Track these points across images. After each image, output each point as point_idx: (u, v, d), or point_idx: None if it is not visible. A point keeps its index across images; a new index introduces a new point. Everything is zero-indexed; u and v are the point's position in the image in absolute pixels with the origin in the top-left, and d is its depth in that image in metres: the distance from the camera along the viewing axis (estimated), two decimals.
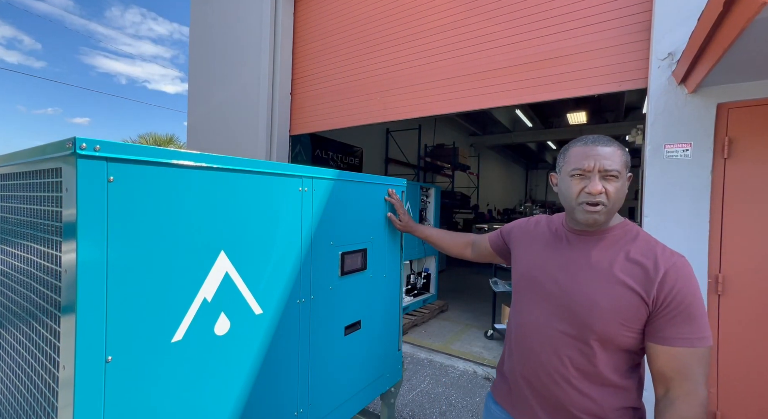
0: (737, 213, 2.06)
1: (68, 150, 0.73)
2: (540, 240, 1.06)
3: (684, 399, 0.80)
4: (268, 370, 1.14)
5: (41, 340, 0.90)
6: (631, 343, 0.87)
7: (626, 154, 0.91)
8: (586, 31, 2.61)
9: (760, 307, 2.00)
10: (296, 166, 1.23)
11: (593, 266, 0.91)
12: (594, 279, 0.90)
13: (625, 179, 0.91)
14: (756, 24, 1.25)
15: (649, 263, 0.86)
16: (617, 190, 0.88)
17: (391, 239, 1.72)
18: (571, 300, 0.91)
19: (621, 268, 0.88)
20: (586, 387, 0.89)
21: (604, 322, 0.86)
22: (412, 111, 3.43)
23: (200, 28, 4.97)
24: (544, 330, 0.95)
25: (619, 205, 0.90)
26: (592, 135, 0.94)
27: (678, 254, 0.88)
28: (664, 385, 0.84)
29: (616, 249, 0.91)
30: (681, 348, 0.80)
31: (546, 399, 0.95)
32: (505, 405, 1.08)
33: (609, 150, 0.88)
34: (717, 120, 2.08)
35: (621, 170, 0.88)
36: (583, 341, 0.89)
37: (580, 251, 0.95)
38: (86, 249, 0.75)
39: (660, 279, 0.83)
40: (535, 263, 1.03)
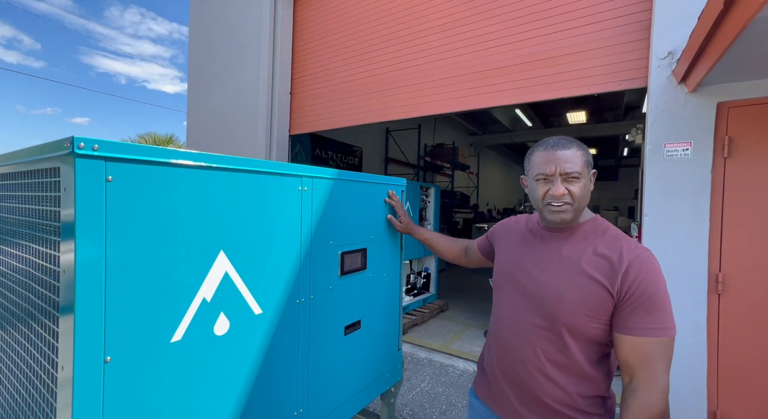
0: (737, 212, 2.05)
1: (66, 149, 0.73)
2: (518, 238, 1.11)
3: (645, 387, 0.84)
4: (267, 370, 1.14)
5: (40, 340, 0.90)
6: (599, 334, 0.90)
7: (586, 153, 0.96)
8: (586, 30, 2.60)
9: (760, 306, 2.00)
10: (296, 165, 1.23)
11: (563, 260, 0.96)
12: (563, 273, 0.94)
13: (588, 177, 0.96)
14: (756, 23, 1.25)
15: (615, 256, 0.89)
16: (580, 189, 0.93)
17: (391, 239, 1.72)
18: (541, 293, 0.96)
19: (588, 261, 0.92)
20: (558, 377, 0.93)
21: (572, 313, 0.90)
22: (412, 110, 3.43)
23: (199, 28, 4.96)
24: (519, 323, 1.00)
25: (585, 202, 0.96)
26: (553, 138, 0.98)
27: (643, 248, 0.91)
28: (628, 374, 0.88)
29: (585, 244, 0.95)
30: (643, 338, 0.84)
31: (521, 390, 0.99)
32: (485, 399, 1.11)
33: (569, 153, 0.93)
34: (717, 119, 2.08)
35: (581, 170, 0.93)
36: (554, 332, 0.93)
37: (552, 246, 1.00)
38: (85, 249, 0.74)
39: (624, 271, 0.86)
40: (511, 259, 1.09)
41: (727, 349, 2.07)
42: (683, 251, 2.15)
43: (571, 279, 0.92)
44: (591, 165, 0.97)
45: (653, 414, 0.82)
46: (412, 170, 8.93)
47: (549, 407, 0.94)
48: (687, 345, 2.14)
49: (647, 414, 0.82)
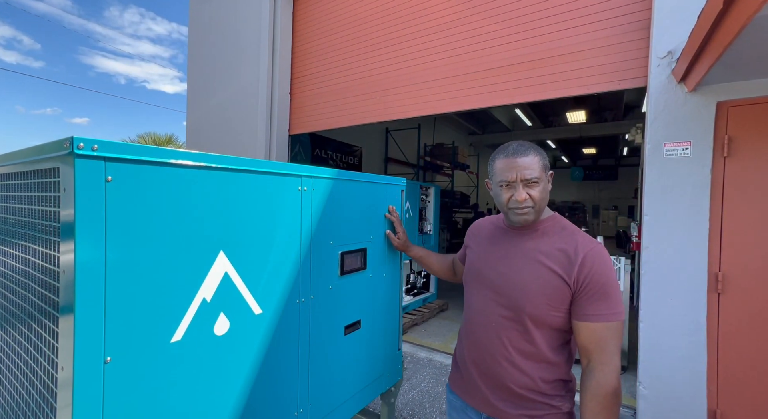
0: (737, 212, 2.05)
1: (66, 150, 0.73)
2: (486, 236, 1.20)
3: (600, 367, 0.93)
4: (267, 370, 1.14)
5: (40, 341, 0.90)
6: (560, 322, 0.99)
7: (543, 158, 1.04)
8: (586, 29, 2.60)
9: (759, 305, 2.00)
10: (296, 165, 1.23)
11: (525, 255, 1.05)
12: (525, 267, 1.03)
13: (546, 180, 1.05)
14: (756, 22, 1.25)
15: (571, 250, 0.98)
16: (540, 192, 1.02)
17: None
18: (506, 286, 1.05)
19: (548, 255, 1.01)
20: (523, 363, 1.01)
21: (534, 304, 0.99)
22: (412, 110, 3.43)
23: (199, 28, 4.96)
24: (488, 316, 1.08)
25: (545, 202, 1.05)
26: (513, 144, 1.05)
27: (596, 242, 1.01)
28: (586, 357, 0.97)
29: (545, 240, 1.05)
30: (598, 324, 0.93)
31: (490, 378, 1.07)
32: (459, 391, 1.18)
33: (528, 160, 1.01)
34: (717, 118, 2.08)
35: (540, 175, 1.01)
36: (518, 322, 1.02)
37: (516, 243, 1.09)
38: (84, 249, 0.74)
39: (579, 263, 0.96)
40: (480, 256, 1.17)
41: (727, 348, 2.07)
42: (683, 250, 2.15)
43: (532, 272, 1.01)
44: (548, 168, 1.06)
45: (607, 391, 0.91)
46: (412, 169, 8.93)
47: (515, 392, 1.02)
48: (687, 344, 2.15)
49: (602, 391, 0.92)
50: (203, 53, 4.88)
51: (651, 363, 2.26)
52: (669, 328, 2.20)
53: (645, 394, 2.27)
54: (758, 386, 2.00)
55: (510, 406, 1.03)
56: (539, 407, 1.01)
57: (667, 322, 2.20)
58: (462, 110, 3.20)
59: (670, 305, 2.20)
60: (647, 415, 2.26)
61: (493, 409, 1.06)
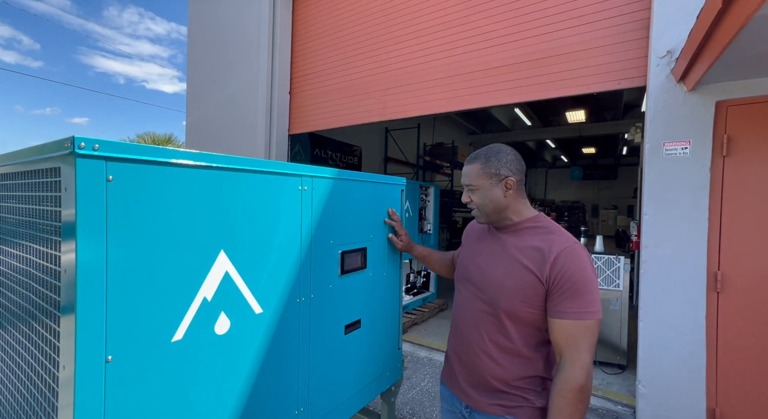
0: (736, 211, 2.06)
1: (67, 149, 0.73)
2: (476, 235, 1.26)
3: (570, 363, 0.95)
4: (268, 369, 1.14)
5: (41, 340, 0.90)
6: (535, 319, 1.02)
7: (488, 165, 1.09)
8: (585, 29, 2.61)
9: (759, 304, 2.01)
10: (296, 165, 1.23)
11: (504, 252, 1.09)
12: (502, 264, 1.08)
13: (491, 185, 1.09)
14: (755, 21, 1.25)
15: (546, 248, 1.01)
16: (479, 197, 1.10)
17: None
18: (485, 282, 1.10)
19: (524, 254, 1.04)
20: (500, 357, 1.05)
21: (509, 300, 1.03)
22: (412, 110, 3.43)
23: (198, 28, 4.95)
24: (470, 310, 1.14)
25: (491, 206, 1.10)
26: (472, 154, 1.14)
27: (573, 240, 1.02)
28: (558, 353, 0.99)
29: (524, 238, 1.08)
30: (569, 321, 0.95)
31: (470, 369, 1.12)
32: (449, 383, 1.23)
33: (467, 168, 1.12)
34: (716, 118, 2.09)
35: (476, 183, 1.10)
36: (496, 317, 1.06)
37: (497, 241, 1.14)
38: (85, 249, 0.74)
39: (552, 261, 0.98)
40: (468, 255, 1.23)
41: (726, 347, 2.08)
42: (682, 249, 2.15)
43: (508, 269, 1.05)
44: (498, 175, 1.08)
45: (573, 387, 0.93)
46: (412, 169, 8.92)
47: (491, 385, 1.06)
48: (686, 343, 2.15)
49: (568, 387, 0.93)
50: (202, 53, 4.87)
51: (650, 362, 2.26)
52: (668, 327, 2.20)
53: (644, 393, 2.27)
54: (757, 385, 2.00)
55: (485, 396, 1.08)
56: (513, 399, 1.04)
57: (666, 321, 2.21)
58: (462, 110, 3.21)
59: (669, 305, 2.20)
60: (646, 414, 2.26)
61: (470, 399, 1.12)
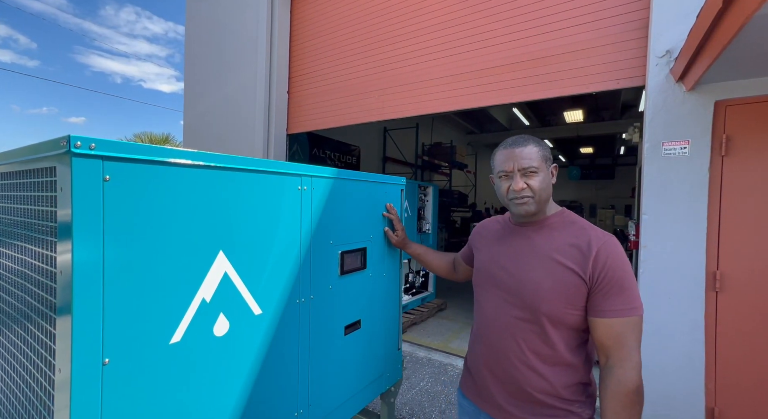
0: (735, 210, 2.06)
1: (63, 148, 0.72)
2: (494, 236, 1.16)
3: (620, 364, 0.89)
4: (267, 371, 1.13)
5: (36, 343, 0.88)
6: (578, 321, 0.95)
7: (543, 149, 1.02)
8: (584, 28, 2.60)
9: (757, 304, 2.01)
10: (295, 164, 1.22)
11: (536, 252, 1.01)
12: (537, 264, 0.99)
13: (547, 171, 1.02)
14: (755, 21, 1.25)
15: (584, 244, 0.94)
16: (540, 182, 0.99)
17: None
18: (519, 286, 1.00)
19: (560, 251, 0.97)
20: (542, 367, 0.97)
21: (550, 303, 0.94)
22: (410, 109, 3.42)
23: (196, 27, 4.93)
24: (500, 318, 1.04)
25: (547, 194, 1.01)
26: (513, 137, 1.05)
27: (608, 234, 0.96)
28: (604, 354, 0.92)
29: (555, 235, 1.00)
30: (615, 319, 0.89)
31: (506, 383, 1.02)
32: (472, 396, 1.14)
33: (525, 150, 1.00)
34: (714, 118, 2.09)
35: (538, 165, 0.99)
36: (535, 323, 0.97)
37: (524, 240, 1.05)
38: (82, 250, 0.73)
39: (593, 257, 0.92)
40: (488, 257, 1.13)
41: (724, 346, 2.08)
42: (681, 249, 2.16)
43: (546, 270, 0.96)
44: (550, 160, 1.03)
45: (629, 389, 0.87)
46: (410, 169, 8.92)
47: (533, 398, 0.97)
48: (685, 342, 2.16)
49: (623, 390, 0.87)
50: (200, 52, 4.84)
51: (649, 361, 2.26)
52: (667, 326, 2.21)
53: None
54: (756, 384, 2.01)
55: (526, 412, 0.98)
56: (558, 413, 0.95)
57: (665, 320, 2.21)
58: (460, 110, 3.20)
59: (668, 304, 2.20)
60: (645, 413, 2.26)
61: (507, 416, 1.01)
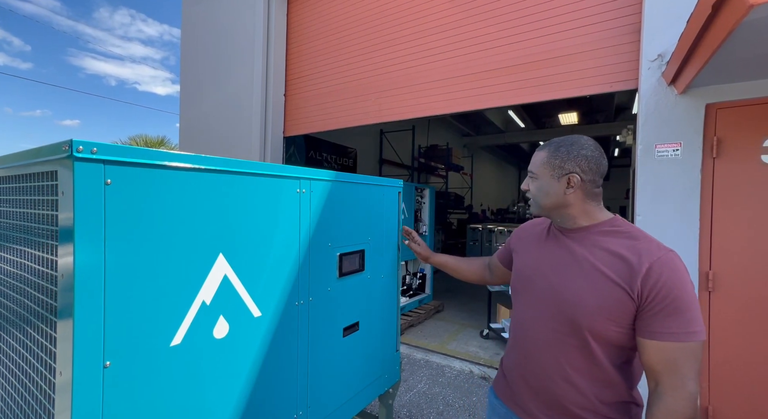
0: (726, 211, 2.10)
1: (65, 153, 0.72)
2: (535, 240, 1.10)
3: (671, 393, 0.81)
4: (267, 373, 1.14)
5: (37, 346, 0.88)
6: (622, 338, 0.87)
7: (554, 156, 0.97)
8: (579, 32, 2.64)
9: (749, 303, 2.04)
10: (294, 167, 1.23)
11: (580, 262, 0.93)
12: (580, 276, 0.92)
13: (551, 177, 0.97)
14: (743, 26, 1.28)
15: (634, 258, 0.86)
16: (536, 188, 1.00)
17: (389, 240, 1.73)
18: (559, 298, 0.93)
19: (606, 263, 0.89)
20: (582, 382, 0.90)
21: (591, 318, 0.87)
22: (407, 112, 3.44)
23: (192, 29, 4.93)
24: (539, 329, 0.97)
25: (547, 200, 0.98)
26: (553, 139, 1.04)
27: (666, 249, 0.88)
28: (654, 379, 0.85)
29: (601, 245, 0.92)
30: (668, 343, 0.80)
31: (543, 397, 0.97)
32: (506, 400, 1.10)
33: (535, 154, 1.01)
34: (706, 120, 2.13)
35: (537, 171, 0.99)
36: (577, 337, 0.90)
37: (568, 248, 0.98)
38: (83, 253, 0.74)
39: (644, 274, 0.83)
40: (528, 263, 1.07)
41: (718, 345, 2.11)
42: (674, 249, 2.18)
43: (589, 282, 0.89)
44: (561, 168, 0.95)
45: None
46: (407, 171, 8.94)
47: (571, 413, 0.92)
48: None
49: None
50: (196, 55, 4.84)
51: None
52: None
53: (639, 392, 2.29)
54: (749, 382, 2.04)
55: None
56: None
57: None
58: (457, 112, 3.23)
59: None
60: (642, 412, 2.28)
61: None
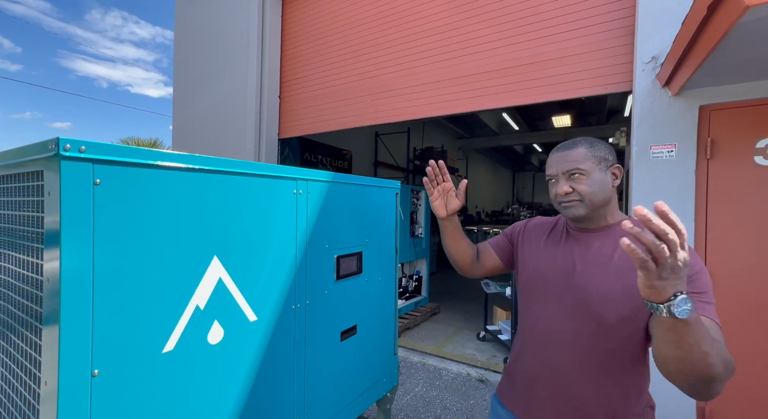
0: (720, 212, 2.11)
1: (51, 151, 0.69)
2: (547, 239, 1.07)
3: None
4: (263, 379, 1.10)
5: (20, 354, 0.84)
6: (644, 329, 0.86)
7: (597, 149, 0.94)
8: (573, 34, 2.66)
9: (745, 303, 2.05)
10: (291, 168, 1.20)
11: (602, 259, 0.92)
12: (603, 271, 0.91)
13: (602, 172, 0.93)
14: (738, 28, 1.29)
15: None
16: (588, 185, 0.92)
17: (386, 242, 1.70)
18: (584, 295, 0.92)
19: (627, 257, 0.88)
20: (606, 382, 0.90)
21: (620, 309, 0.86)
22: (402, 114, 3.44)
23: (185, 31, 4.88)
24: (559, 329, 0.95)
25: (600, 196, 0.93)
26: (567, 141, 0.99)
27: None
28: None
29: (618, 241, 0.91)
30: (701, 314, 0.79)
31: (562, 399, 0.94)
32: (512, 407, 1.06)
33: (573, 152, 0.94)
34: (699, 122, 2.15)
35: (584, 166, 0.92)
36: (602, 335, 0.89)
37: (589, 246, 0.96)
38: (71, 256, 0.70)
39: None
40: (543, 262, 1.04)
41: None
42: None
43: (614, 278, 0.89)
44: (607, 161, 0.94)
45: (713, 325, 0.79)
46: (402, 173, 8.94)
47: (590, 416, 0.90)
48: None
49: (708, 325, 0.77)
50: (190, 56, 4.80)
51: None
52: None
53: None
54: (745, 383, 2.04)
55: None
56: None
57: None
58: (452, 114, 3.23)
59: None
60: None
61: None
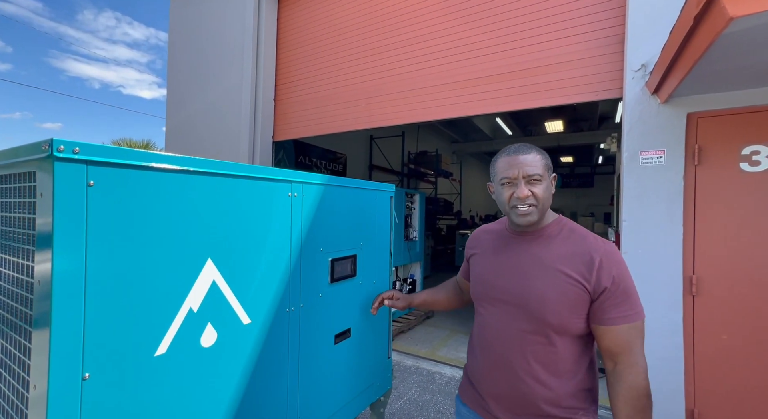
0: (708, 217, 2.16)
1: (44, 152, 0.69)
2: (490, 246, 1.13)
3: (629, 370, 0.91)
4: (256, 382, 1.10)
5: (8, 358, 0.83)
6: (581, 328, 0.95)
7: (546, 158, 1.02)
8: (565, 42, 2.71)
9: (732, 306, 2.10)
10: (286, 171, 1.21)
11: (539, 262, 0.99)
12: (541, 275, 0.98)
13: (549, 180, 1.01)
14: (723, 38, 1.33)
15: (585, 254, 0.95)
16: (543, 190, 0.98)
17: (381, 245, 1.71)
18: (524, 298, 0.98)
19: (562, 261, 0.96)
20: (548, 378, 0.96)
21: (556, 313, 0.94)
22: (397, 118, 3.46)
23: (180, 33, 4.86)
24: (506, 331, 1.01)
25: (549, 203, 1.00)
26: (515, 145, 1.04)
27: (608, 242, 0.98)
28: (612, 360, 0.94)
29: (555, 244, 1.00)
30: (623, 326, 0.91)
31: (512, 397, 1.00)
32: (472, 404, 1.12)
33: (530, 157, 0.99)
34: (687, 129, 2.20)
35: (542, 173, 0.98)
36: (542, 334, 0.96)
37: (525, 249, 1.03)
38: (63, 258, 0.70)
39: (597, 267, 0.92)
40: (488, 268, 1.10)
41: (702, 348, 2.15)
42: (659, 254, 2.24)
43: (549, 280, 0.96)
44: (551, 169, 1.03)
45: (641, 394, 0.89)
46: (396, 177, 8.97)
47: (541, 411, 0.96)
48: (664, 346, 2.22)
49: (635, 394, 0.89)
50: (184, 58, 4.77)
51: None
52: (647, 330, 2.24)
53: None
54: (732, 385, 2.08)
55: None
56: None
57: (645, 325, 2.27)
58: (447, 118, 3.26)
59: (647, 308, 2.24)
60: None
61: None
